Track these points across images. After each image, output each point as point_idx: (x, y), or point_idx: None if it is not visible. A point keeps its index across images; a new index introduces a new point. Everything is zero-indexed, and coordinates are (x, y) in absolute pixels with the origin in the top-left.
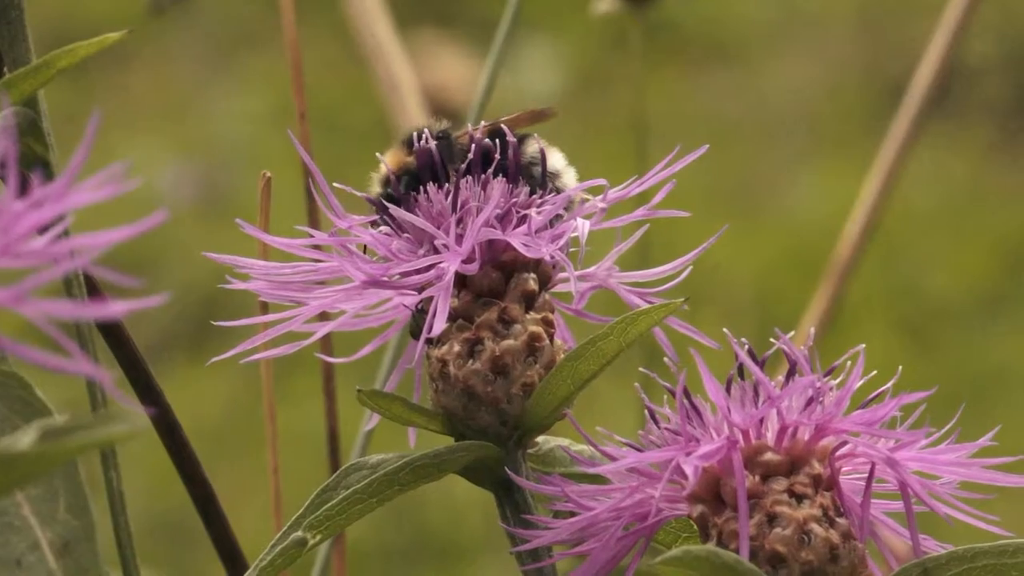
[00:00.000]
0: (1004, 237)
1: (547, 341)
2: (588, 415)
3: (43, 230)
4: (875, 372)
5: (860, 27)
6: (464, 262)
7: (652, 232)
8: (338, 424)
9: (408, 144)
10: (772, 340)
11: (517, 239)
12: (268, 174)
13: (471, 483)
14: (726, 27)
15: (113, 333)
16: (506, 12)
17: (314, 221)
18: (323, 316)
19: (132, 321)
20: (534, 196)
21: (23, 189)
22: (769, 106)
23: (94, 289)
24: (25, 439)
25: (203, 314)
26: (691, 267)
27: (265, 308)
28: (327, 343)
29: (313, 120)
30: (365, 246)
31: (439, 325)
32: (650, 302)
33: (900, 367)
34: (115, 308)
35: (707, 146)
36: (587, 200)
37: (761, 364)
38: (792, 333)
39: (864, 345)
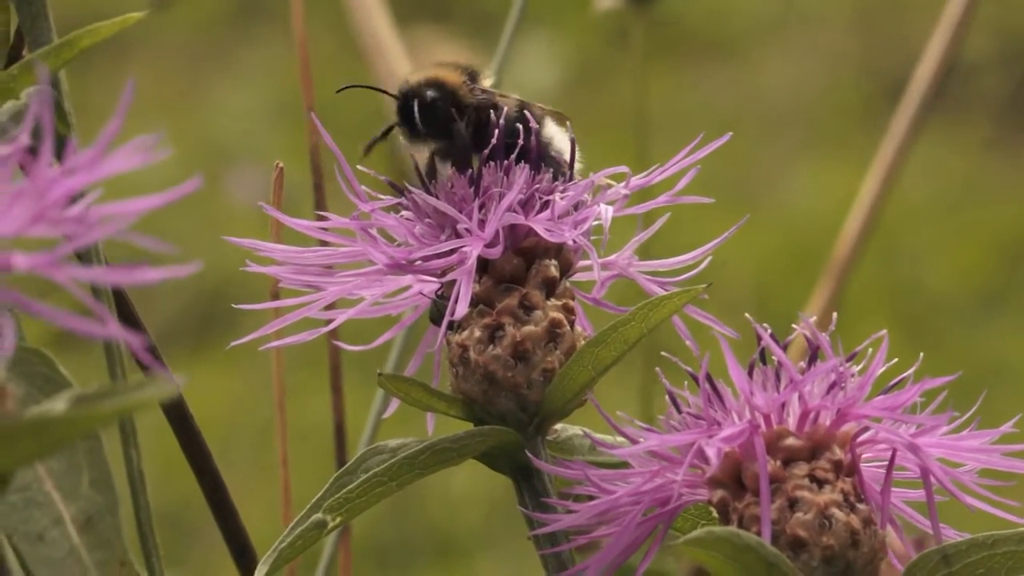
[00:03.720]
0: (1001, 232)
1: (567, 327)
2: (589, 413)
3: (72, 200)
4: (896, 360)
5: (857, 23)
6: (487, 247)
7: (653, 224)
8: (345, 419)
9: (469, 75)
10: (773, 332)
11: (540, 224)
12: (281, 164)
13: (475, 478)
14: (724, 22)
15: (127, 320)
16: (512, 11)
17: (320, 214)
18: (333, 305)
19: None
20: (556, 182)
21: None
22: (766, 101)
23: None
24: (58, 406)
25: (207, 308)
26: (706, 258)
27: (278, 297)
28: (335, 335)
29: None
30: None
31: (462, 308)
32: (668, 290)
33: (921, 354)
34: (148, 274)
35: (729, 135)
36: (609, 187)
37: (783, 349)
38: (813, 318)
39: (886, 331)
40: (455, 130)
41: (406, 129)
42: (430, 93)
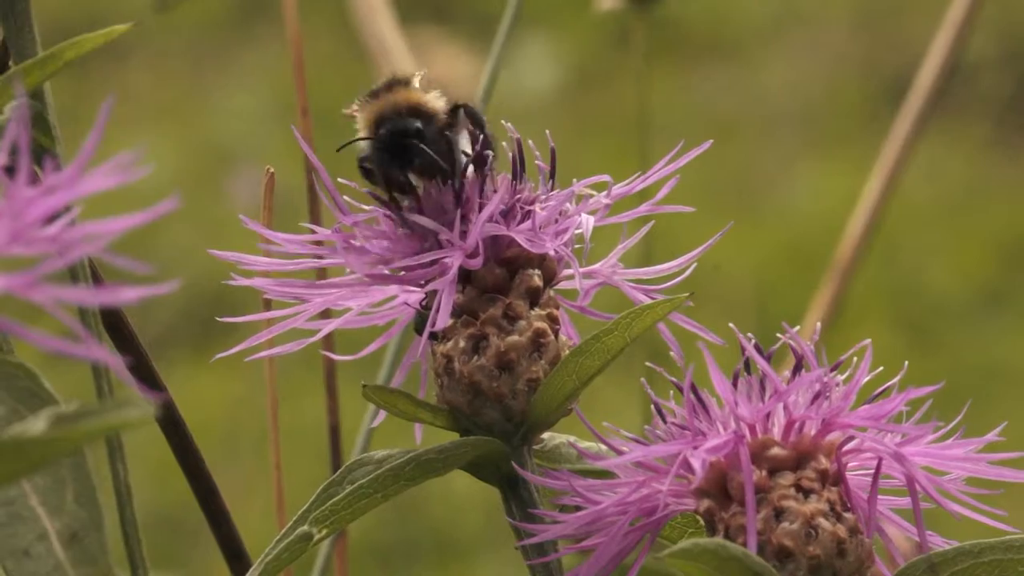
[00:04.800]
0: (1002, 233)
1: (552, 337)
2: (590, 415)
3: (51, 219)
4: (882, 368)
5: (858, 23)
6: (468, 257)
7: (651, 228)
8: (340, 421)
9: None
10: (772, 336)
11: (521, 235)
12: (271, 169)
13: (476, 479)
14: (725, 23)
15: (118, 329)
16: (507, 10)
17: (315, 217)
18: (325, 314)
19: (135, 318)
20: (539, 192)
21: (33, 177)
22: (767, 102)
23: (98, 283)
24: (37, 425)
25: (205, 313)
26: (694, 264)
27: (269, 306)
28: (329, 340)
29: (312, 115)
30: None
31: (443, 319)
32: (654, 298)
33: (906, 362)
34: (127, 294)
35: (710, 142)
36: (591, 196)
37: (767, 359)
38: (797, 328)
39: (870, 340)
40: (455, 159)
41: (394, 170)
42: (423, 127)
